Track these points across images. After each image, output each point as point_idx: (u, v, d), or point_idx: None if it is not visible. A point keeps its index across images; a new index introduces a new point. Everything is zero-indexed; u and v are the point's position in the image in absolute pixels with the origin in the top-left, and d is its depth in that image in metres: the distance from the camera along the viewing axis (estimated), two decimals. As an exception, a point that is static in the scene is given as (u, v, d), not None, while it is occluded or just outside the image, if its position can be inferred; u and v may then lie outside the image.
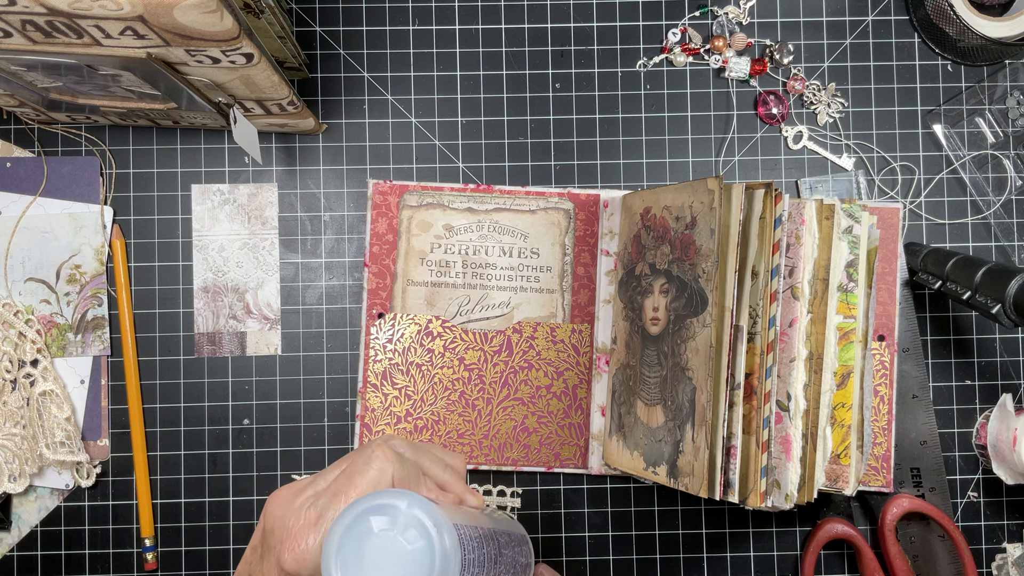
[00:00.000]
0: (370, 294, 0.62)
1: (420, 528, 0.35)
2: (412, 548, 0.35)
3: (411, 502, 0.35)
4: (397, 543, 0.35)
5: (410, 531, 0.35)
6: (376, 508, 0.35)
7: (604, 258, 0.62)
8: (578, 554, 0.63)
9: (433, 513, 0.35)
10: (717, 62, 0.64)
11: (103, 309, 0.63)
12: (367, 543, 0.35)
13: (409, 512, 0.35)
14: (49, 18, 0.42)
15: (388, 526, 0.35)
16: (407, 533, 0.35)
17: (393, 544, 0.35)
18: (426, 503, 0.35)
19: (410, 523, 0.35)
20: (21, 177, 0.63)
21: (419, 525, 0.35)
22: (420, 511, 0.35)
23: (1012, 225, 0.64)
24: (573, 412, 0.62)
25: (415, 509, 0.35)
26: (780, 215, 0.51)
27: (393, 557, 0.35)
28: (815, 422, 0.54)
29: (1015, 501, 0.63)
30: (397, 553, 0.35)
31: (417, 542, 0.35)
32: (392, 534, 0.35)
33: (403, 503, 0.35)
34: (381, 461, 0.40)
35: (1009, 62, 0.64)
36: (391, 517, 0.35)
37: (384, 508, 0.35)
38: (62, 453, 0.60)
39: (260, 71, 0.49)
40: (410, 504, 0.35)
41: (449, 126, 0.64)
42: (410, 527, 0.35)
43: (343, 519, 0.35)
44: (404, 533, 0.35)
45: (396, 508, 0.35)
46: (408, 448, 0.44)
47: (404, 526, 0.35)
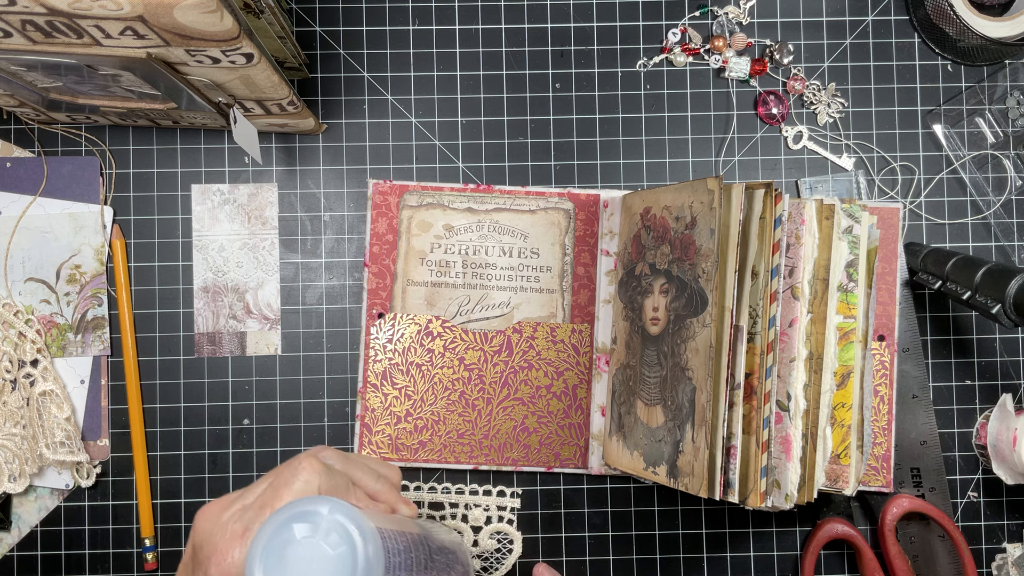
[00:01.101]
0: (370, 294, 0.62)
1: (342, 533, 0.35)
2: (335, 553, 0.35)
3: (333, 508, 0.35)
4: (320, 549, 0.35)
5: (332, 536, 0.35)
6: (298, 515, 0.35)
7: (604, 258, 0.62)
8: (578, 554, 0.63)
9: (355, 517, 0.35)
10: (717, 62, 0.64)
11: (103, 309, 0.63)
12: (290, 551, 0.35)
13: (331, 517, 0.35)
14: (49, 18, 0.42)
15: (310, 532, 0.35)
16: (329, 538, 0.35)
17: (316, 550, 0.35)
18: (348, 508, 0.36)
19: (332, 528, 0.35)
20: (21, 177, 0.63)
21: (341, 530, 0.35)
22: (342, 516, 0.35)
23: (1012, 225, 0.64)
24: (573, 412, 0.62)
25: (337, 514, 0.35)
26: (780, 215, 0.51)
27: (316, 563, 0.35)
28: (815, 422, 0.54)
29: (1015, 501, 0.63)
30: (320, 559, 0.35)
31: (340, 547, 0.35)
32: (315, 540, 0.35)
33: (325, 509, 0.35)
34: (308, 472, 0.40)
35: (1009, 62, 0.64)
36: (313, 524, 0.35)
37: (306, 515, 0.35)
38: (62, 453, 0.60)
39: (260, 71, 0.49)
40: (332, 510, 0.35)
41: (449, 126, 0.64)
42: (332, 532, 0.35)
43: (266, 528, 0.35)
44: (327, 539, 0.35)
45: (318, 514, 0.35)
46: (338, 459, 0.44)
47: (326, 532, 0.35)
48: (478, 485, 0.63)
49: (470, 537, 0.62)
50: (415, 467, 0.62)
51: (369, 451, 0.62)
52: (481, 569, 0.62)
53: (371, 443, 0.62)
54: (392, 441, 0.62)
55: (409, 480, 0.63)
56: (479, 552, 0.62)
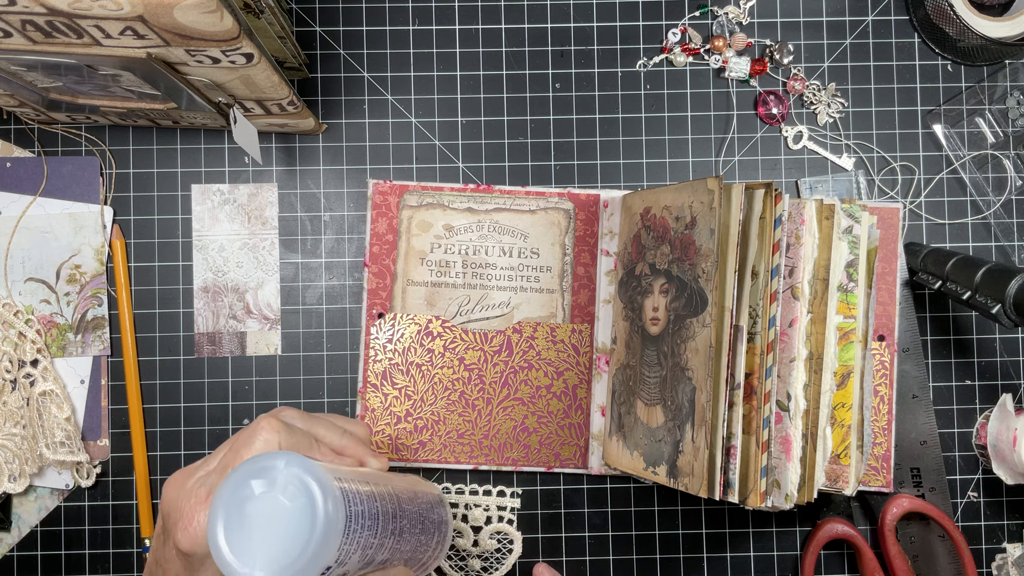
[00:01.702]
0: (370, 294, 0.62)
1: (300, 485, 0.35)
2: (293, 505, 0.35)
3: (289, 461, 0.36)
4: (278, 503, 0.35)
5: (290, 489, 0.35)
6: (255, 471, 0.36)
7: (604, 258, 0.62)
8: (578, 554, 0.63)
9: (312, 469, 0.36)
10: (717, 62, 0.64)
11: (103, 309, 0.63)
12: (249, 507, 0.35)
13: (288, 471, 0.35)
14: (49, 18, 0.42)
15: (268, 487, 0.35)
16: (287, 491, 0.35)
17: (275, 504, 0.35)
18: (305, 460, 0.36)
19: (289, 481, 0.35)
20: (21, 177, 0.63)
21: (298, 483, 0.35)
22: (299, 468, 0.35)
23: (1012, 225, 0.64)
24: (573, 412, 0.62)
25: (293, 467, 0.36)
26: (780, 215, 0.51)
27: (276, 517, 0.35)
28: (815, 422, 0.54)
29: (1015, 501, 0.63)
30: (279, 512, 0.35)
31: (297, 499, 0.35)
32: (273, 494, 0.35)
33: (281, 463, 0.36)
34: (267, 432, 0.40)
35: (1009, 62, 0.64)
36: (270, 478, 0.35)
37: (263, 471, 0.36)
38: (62, 453, 0.60)
39: (260, 71, 0.49)
40: (288, 463, 0.36)
41: (449, 126, 0.64)
42: (289, 485, 0.35)
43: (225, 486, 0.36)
44: (284, 492, 0.35)
45: (275, 468, 0.36)
46: (299, 418, 0.44)
47: (284, 485, 0.35)
48: (478, 485, 0.63)
49: (470, 537, 0.62)
50: (415, 467, 0.62)
51: (369, 451, 0.62)
52: (481, 569, 0.62)
53: (371, 443, 0.62)
54: (392, 441, 0.62)
55: (409, 480, 0.63)
56: (479, 552, 0.62)
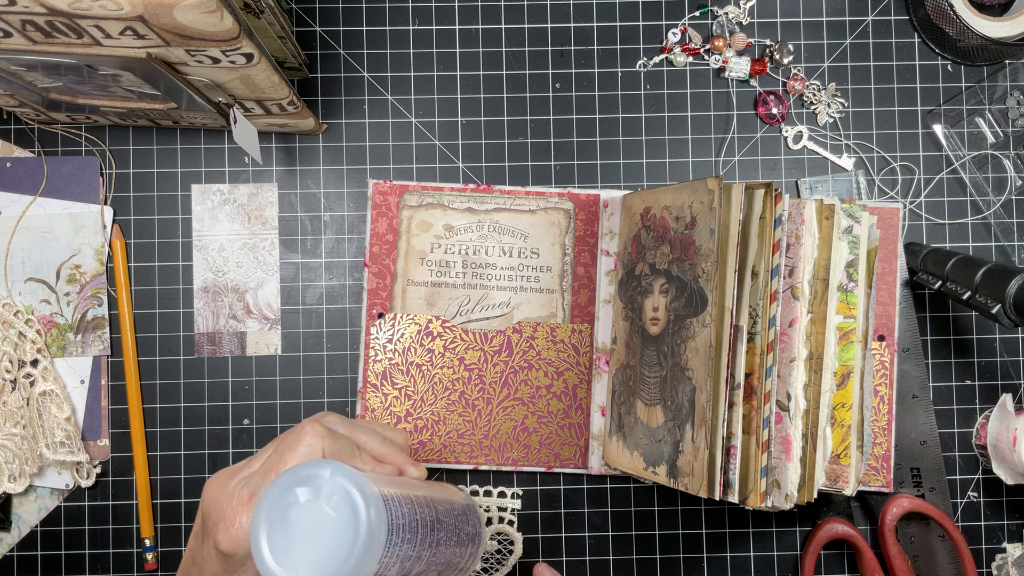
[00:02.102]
0: (370, 294, 0.62)
1: (344, 496, 0.35)
2: (337, 515, 0.35)
3: (335, 471, 0.36)
4: (322, 512, 0.35)
5: (334, 499, 0.35)
6: (300, 479, 0.36)
7: (604, 258, 0.62)
8: (578, 554, 0.63)
9: (357, 480, 0.36)
10: (717, 62, 0.64)
11: (103, 309, 0.63)
12: (293, 514, 0.35)
13: (333, 480, 0.36)
14: (49, 18, 0.42)
15: (313, 496, 0.35)
16: (332, 501, 0.35)
17: (319, 513, 0.35)
18: (350, 471, 0.36)
19: (334, 491, 0.35)
20: (21, 177, 0.63)
21: (343, 493, 0.35)
22: (343, 478, 0.36)
23: (1012, 225, 0.64)
24: (573, 412, 0.62)
25: (339, 477, 0.36)
26: (780, 215, 0.51)
27: (319, 526, 0.35)
28: (815, 422, 0.54)
29: (1015, 501, 0.63)
30: (323, 521, 0.35)
31: (342, 509, 0.35)
32: (317, 503, 0.35)
33: (327, 472, 0.36)
34: (311, 437, 0.40)
35: (1009, 62, 0.64)
36: (315, 487, 0.36)
37: (308, 479, 0.36)
38: (62, 453, 0.60)
39: (260, 71, 0.49)
40: (333, 472, 0.36)
41: (449, 126, 0.64)
42: (334, 495, 0.35)
43: (269, 493, 0.36)
44: (329, 501, 0.35)
45: (320, 477, 0.36)
46: (342, 424, 0.44)
47: (328, 495, 0.35)
48: (478, 485, 0.63)
49: (470, 537, 0.62)
50: (415, 467, 0.62)
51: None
52: (482, 570, 0.62)
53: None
54: (392, 441, 0.62)
55: (409, 480, 0.63)
56: (479, 552, 0.62)
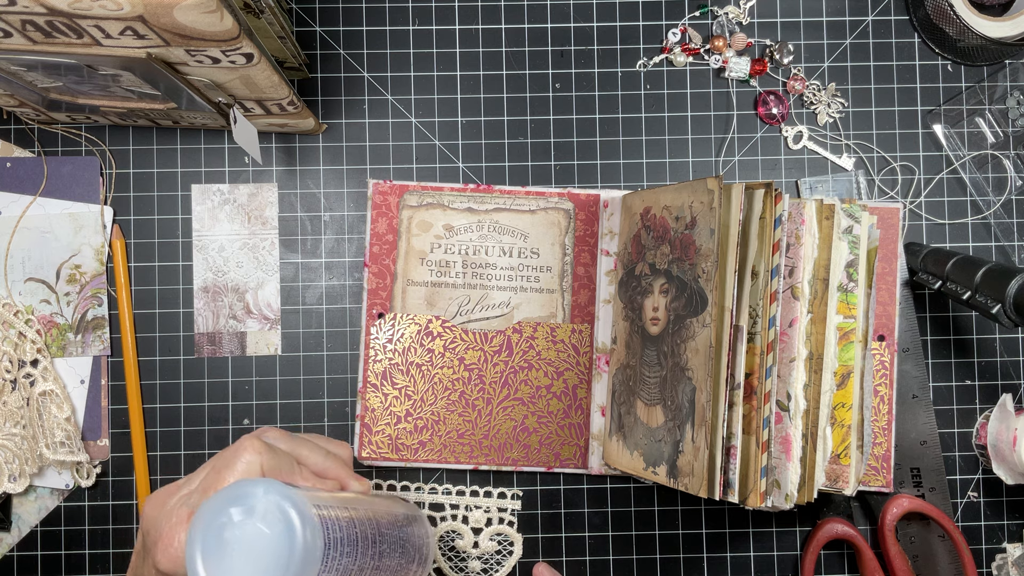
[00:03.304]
0: (370, 294, 0.62)
1: (278, 513, 0.35)
2: (271, 533, 0.35)
3: (268, 488, 0.36)
4: (257, 530, 0.35)
5: (268, 516, 0.35)
6: (234, 498, 0.36)
7: (604, 258, 0.62)
8: (578, 554, 0.63)
9: (291, 496, 0.36)
10: (717, 62, 0.64)
11: (103, 309, 0.63)
12: (228, 533, 0.35)
13: (266, 498, 0.36)
14: (49, 18, 0.42)
15: (247, 514, 0.36)
16: (266, 519, 0.35)
17: (254, 532, 0.35)
18: (284, 488, 0.36)
19: (268, 509, 0.36)
20: (21, 177, 0.63)
21: (277, 510, 0.35)
22: (277, 496, 0.36)
23: (1012, 225, 0.64)
24: (573, 412, 0.62)
25: (272, 494, 0.36)
26: (780, 215, 0.51)
27: (254, 544, 0.35)
28: (815, 422, 0.54)
29: (1015, 501, 0.63)
30: (257, 539, 0.35)
31: (276, 526, 0.35)
32: (252, 522, 0.35)
33: (260, 490, 0.36)
34: (249, 453, 0.40)
35: (1009, 62, 0.64)
36: (249, 505, 0.36)
37: (242, 497, 0.36)
38: (62, 453, 0.60)
39: (260, 71, 0.49)
40: (267, 490, 0.36)
41: (449, 126, 0.64)
42: (268, 513, 0.35)
43: (203, 512, 0.36)
44: (263, 519, 0.35)
45: (254, 495, 0.36)
46: (283, 439, 0.44)
47: (263, 513, 0.36)
48: (478, 486, 0.63)
49: (470, 539, 0.62)
50: (415, 467, 0.62)
51: (369, 451, 0.62)
52: (481, 571, 0.62)
53: (371, 443, 0.62)
54: (392, 441, 0.62)
55: (409, 480, 0.63)
56: (479, 554, 0.62)
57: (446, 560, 0.62)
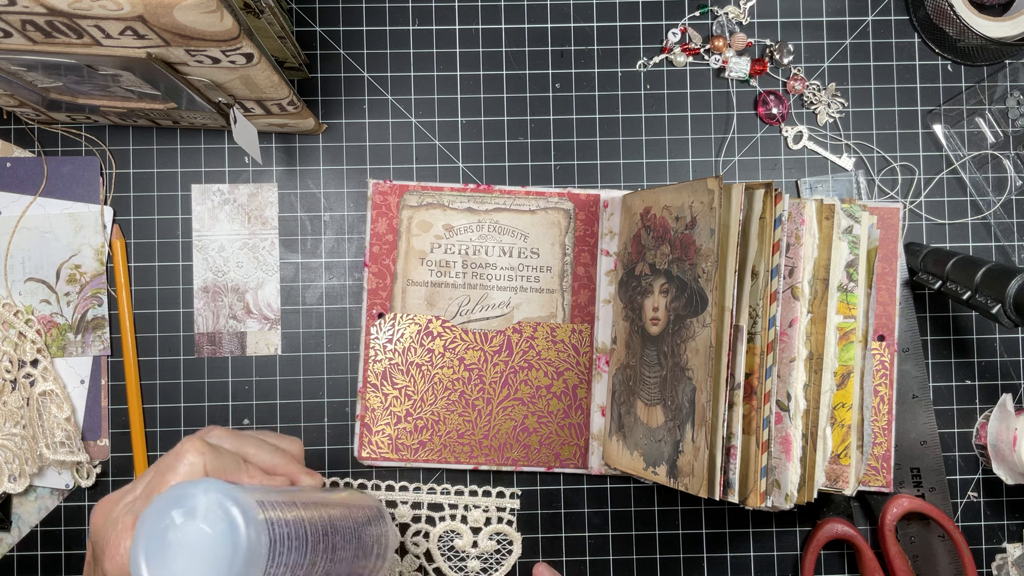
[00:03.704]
0: (370, 294, 0.62)
1: (219, 512, 0.35)
2: (213, 532, 0.35)
3: (208, 487, 0.36)
4: (199, 530, 0.35)
5: (210, 516, 0.35)
6: (175, 500, 0.36)
7: (604, 258, 0.62)
8: (578, 554, 0.63)
9: (233, 495, 0.35)
10: (717, 62, 0.64)
11: (103, 309, 0.63)
12: (171, 536, 0.35)
13: (207, 497, 0.35)
14: (49, 18, 0.42)
15: (189, 516, 0.35)
16: (208, 519, 0.35)
17: (196, 532, 0.35)
18: (225, 486, 0.36)
19: (209, 509, 0.35)
20: (21, 177, 0.63)
21: (218, 509, 0.35)
22: (218, 494, 0.35)
23: (1012, 225, 0.64)
24: (573, 412, 0.62)
25: (212, 493, 0.35)
26: (780, 215, 0.51)
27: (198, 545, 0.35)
28: (815, 422, 0.54)
29: (1015, 501, 0.63)
30: (201, 540, 0.35)
31: (218, 526, 0.35)
32: (194, 523, 0.35)
33: (200, 490, 0.36)
34: (192, 455, 0.40)
35: (1009, 62, 0.64)
36: (190, 506, 0.35)
37: (182, 498, 0.36)
38: (62, 453, 0.60)
39: (260, 71, 0.49)
40: (207, 489, 0.36)
41: (449, 126, 0.64)
42: (210, 512, 0.35)
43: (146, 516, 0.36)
44: (205, 519, 0.35)
45: (194, 496, 0.36)
46: (228, 437, 0.44)
47: (204, 513, 0.35)
48: (478, 486, 0.63)
49: (469, 539, 0.62)
50: (415, 467, 0.62)
51: (369, 451, 0.62)
52: (480, 570, 0.62)
53: (371, 443, 0.62)
54: (392, 441, 0.62)
55: (409, 481, 0.63)
56: (479, 553, 0.62)
57: (445, 560, 0.62)
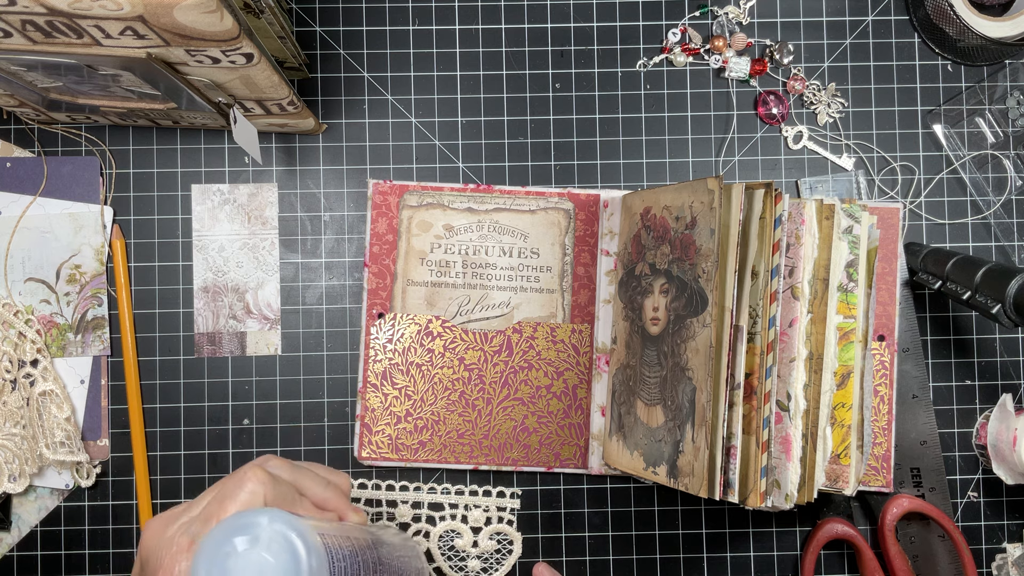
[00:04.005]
0: (370, 294, 0.62)
1: (283, 542, 0.35)
2: (276, 562, 0.35)
3: (272, 517, 0.36)
4: (262, 560, 0.35)
5: (274, 546, 0.35)
6: (239, 527, 0.36)
7: (604, 258, 0.62)
8: (578, 554, 0.63)
9: (297, 527, 0.36)
10: (717, 62, 0.64)
11: (103, 309, 0.63)
12: (232, 563, 0.35)
13: (271, 528, 0.36)
14: (49, 18, 0.42)
15: (251, 544, 0.35)
16: (271, 549, 0.35)
17: (258, 561, 0.35)
18: (289, 518, 0.36)
19: (273, 538, 0.35)
20: (21, 177, 0.63)
21: (282, 540, 0.35)
22: (283, 526, 0.36)
23: (1012, 225, 0.64)
24: (573, 412, 0.62)
25: (277, 524, 0.36)
26: (780, 215, 0.51)
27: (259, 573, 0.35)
28: (815, 422, 0.54)
29: (1015, 501, 0.63)
30: (263, 569, 0.35)
31: (281, 556, 0.35)
32: (257, 552, 0.35)
33: (265, 519, 0.36)
34: (253, 483, 0.40)
35: (1009, 62, 0.64)
36: (253, 535, 0.36)
37: (247, 527, 0.36)
38: (62, 453, 0.60)
39: (260, 71, 0.49)
40: (272, 519, 0.36)
41: (449, 126, 0.64)
42: (273, 542, 0.35)
43: (208, 541, 0.36)
44: (268, 549, 0.35)
45: (258, 525, 0.36)
46: (284, 469, 0.44)
47: (268, 542, 0.35)
48: (478, 485, 0.63)
49: (469, 538, 0.62)
50: (415, 467, 0.62)
51: (369, 451, 0.62)
52: (481, 570, 0.62)
53: (371, 443, 0.62)
54: (392, 441, 0.62)
55: (409, 480, 0.63)
56: (479, 553, 0.62)
57: (445, 560, 0.62)
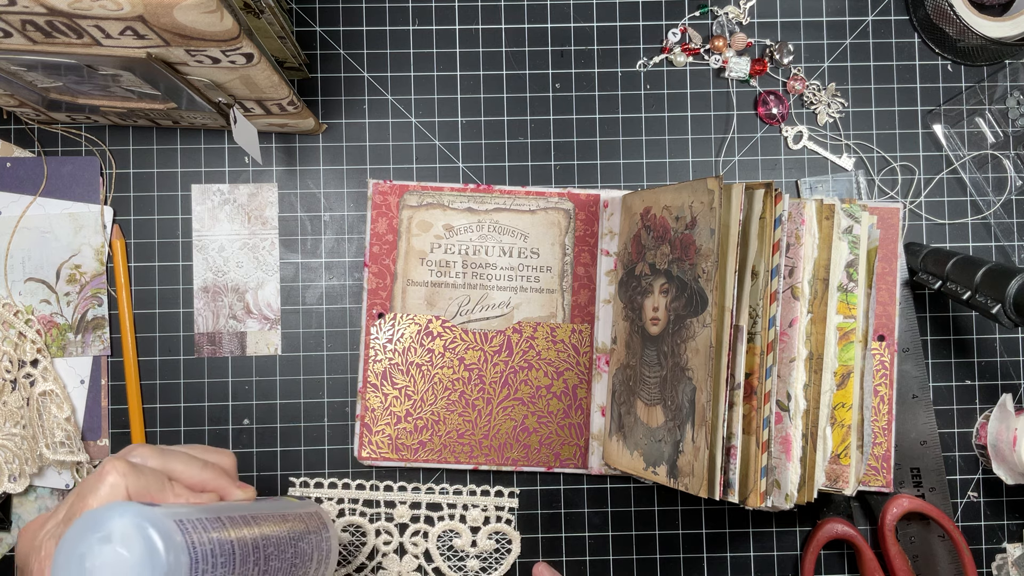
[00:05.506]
0: (370, 294, 0.62)
1: (137, 535, 0.35)
2: (131, 556, 0.35)
3: (123, 511, 0.35)
4: (117, 555, 0.35)
5: (127, 539, 0.35)
6: (91, 525, 0.35)
7: (604, 258, 0.62)
8: (578, 554, 0.63)
9: (148, 516, 0.35)
10: (717, 62, 0.64)
11: (103, 309, 0.63)
12: (90, 562, 0.35)
13: (123, 521, 0.35)
14: (49, 18, 0.42)
15: (105, 540, 0.35)
16: (125, 542, 0.35)
17: (114, 556, 0.35)
18: (139, 508, 0.36)
19: (126, 532, 0.35)
20: (21, 177, 0.63)
21: (135, 532, 0.35)
22: (135, 517, 0.35)
23: (1012, 225, 0.64)
24: (573, 412, 0.62)
25: (127, 517, 0.35)
26: (780, 215, 0.51)
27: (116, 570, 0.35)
28: (815, 422, 0.54)
29: (1015, 501, 0.63)
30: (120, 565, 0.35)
31: (135, 549, 0.35)
32: (111, 547, 0.35)
33: (115, 514, 0.35)
34: (113, 476, 0.39)
35: (1009, 62, 0.64)
36: (106, 531, 0.35)
37: (97, 523, 0.35)
38: (62, 453, 0.60)
39: (260, 71, 0.49)
40: (122, 513, 0.35)
41: (449, 126, 0.64)
42: (126, 536, 0.35)
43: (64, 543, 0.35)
44: (122, 543, 0.35)
45: (108, 520, 0.35)
46: (153, 455, 0.43)
47: (121, 536, 0.35)
48: (477, 486, 0.63)
49: (468, 538, 0.62)
50: (415, 467, 0.62)
51: (369, 451, 0.62)
52: (480, 569, 0.62)
53: (371, 443, 0.62)
54: (392, 441, 0.62)
55: (409, 480, 0.63)
56: (478, 552, 0.62)
57: (444, 560, 0.62)
